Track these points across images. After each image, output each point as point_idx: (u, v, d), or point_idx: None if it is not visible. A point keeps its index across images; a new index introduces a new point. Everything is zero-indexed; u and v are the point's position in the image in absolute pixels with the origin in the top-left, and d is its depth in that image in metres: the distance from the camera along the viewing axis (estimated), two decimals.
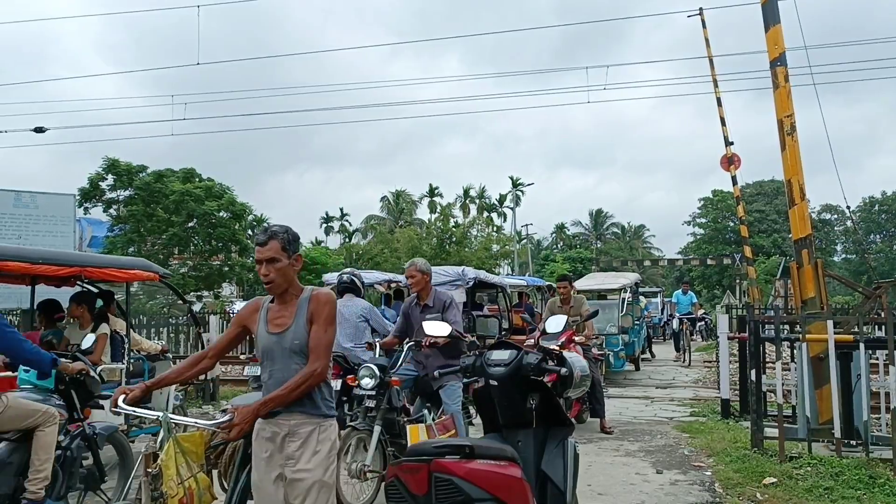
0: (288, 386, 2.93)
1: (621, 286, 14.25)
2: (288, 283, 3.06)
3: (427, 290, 5.74)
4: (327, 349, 3.03)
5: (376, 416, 4.92)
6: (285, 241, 3.03)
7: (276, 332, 3.06)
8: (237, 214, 24.80)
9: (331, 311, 3.05)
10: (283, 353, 3.03)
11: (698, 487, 5.62)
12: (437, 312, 5.56)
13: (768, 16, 7.40)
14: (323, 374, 2.99)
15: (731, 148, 17.64)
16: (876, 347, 6.61)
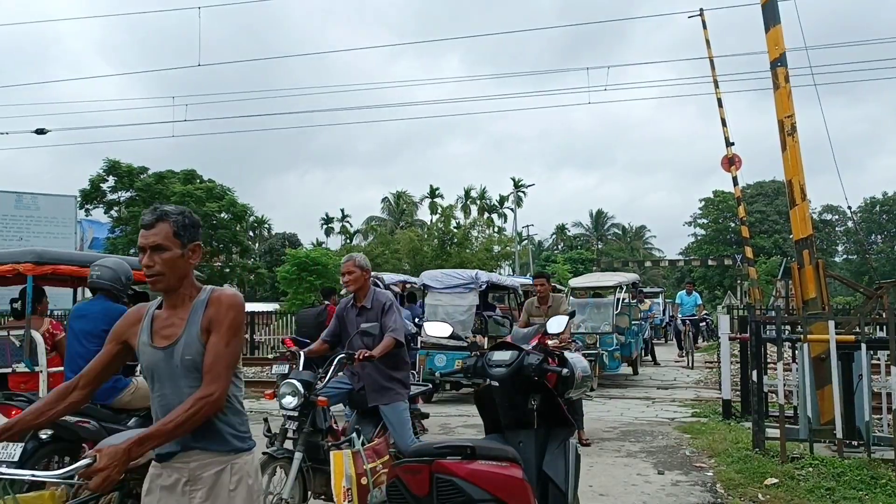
0: (173, 417, 2.22)
1: (617, 284, 13.69)
2: (179, 279, 2.37)
3: (365, 289, 5.03)
4: (228, 368, 2.32)
5: (298, 440, 4.21)
6: (179, 224, 2.35)
7: (162, 345, 2.35)
8: (238, 216, 24.86)
9: (236, 318, 2.36)
10: (171, 372, 2.34)
11: (700, 488, 5.62)
12: (375, 316, 4.90)
13: (768, 16, 7.40)
14: (220, 399, 2.28)
15: (731, 149, 17.64)
16: (877, 348, 6.61)
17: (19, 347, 6.10)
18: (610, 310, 12.77)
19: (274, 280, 33.82)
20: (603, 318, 12.71)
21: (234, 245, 24.88)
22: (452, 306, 11.43)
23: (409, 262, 32.94)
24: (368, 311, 4.93)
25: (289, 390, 4.23)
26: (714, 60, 17.76)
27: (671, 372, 15.02)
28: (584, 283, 15.11)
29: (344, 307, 5.12)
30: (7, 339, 6.18)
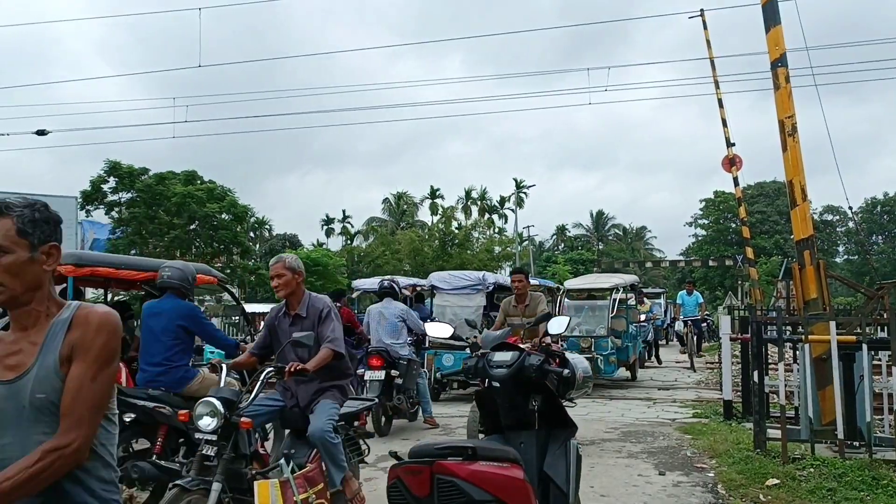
0: (11, 473, 1.63)
1: (613, 286, 13.19)
2: (29, 291, 1.80)
3: (298, 295, 4.45)
4: (95, 410, 1.76)
5: (217, 468, 3.63)
6: (24, 221, 1.82)
7: (6, 378, 1.77)
8: (239, 217, 24.88)
9: (107, 343, 1.79)
10: (17, 413, 1.74)
11: (701, 489, 5.61)
12: (311, 325, 4.34)
13: (769, 16, 7.40)
14: (80, 451, 1.71)
15: (732, 149, 17.63)
16: (879, 348, 6.61)
17: None
18: (605, 312, 12.34)
19: None
20: (598, 320, 12.36)
21: (235, 246, 24.90)
22: (460, 307, 11.78)
23: (410, 263, 32.97)
24: (303, 319, 4.41)
25: (206, 410, 3.70)
26: (715, 61, 17.76)
27: (672, 373, 15.02)
28: (579, 284, 14.77)
29: (275, 316, 4.58)
30: None
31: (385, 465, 6.54)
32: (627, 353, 12.69)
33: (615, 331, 12.31)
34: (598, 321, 12.36)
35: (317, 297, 4.56)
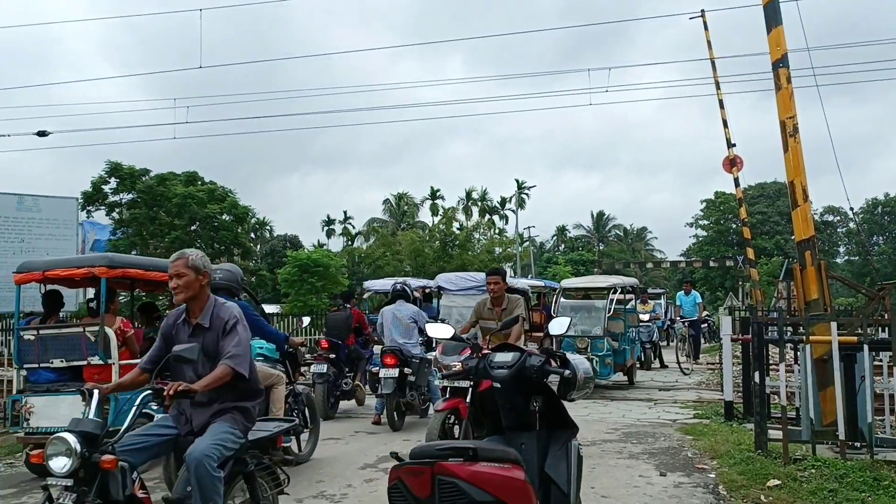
0: None
1: (611, 286, 12.75)
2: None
3: (202, 300, 3.80)
4: None
5: None
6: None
7: None
8: (239, 217, 24.90)
9: None
10: None
11: (702, 490, 5.61)
12: (215, 338, 3.73)
13: (770, 17, 7.39)
14: None
15: (733, 150, 17.62)
16: (880, 349, 6.60)
17: (94, 342, 6.75)
18: (602, 313, 12.03)
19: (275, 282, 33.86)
20: (595, 321, 12.07)
21: (236, 247, 24.91)
22: (466, 307, 11.77)
23: (411, 264, 32.95)
24: (206, 330, 3.75)
25: (59, 448, 3.08)
26: (715, 62, 17.75)
27: (673, 374, 15.00)
28: (576, 284, 14.47)
29: (172, 323, 3.89)
30: (83, 334, 6.82)
31: (386, 465, 6.54)
32: (624, 356, 12.34)
33: (612, 333, 12.02)
34: (594, 322, 12.08)
35: (225, 305, 3.87)
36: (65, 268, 7.14)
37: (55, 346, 6.89)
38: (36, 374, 6.98)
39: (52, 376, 6.92)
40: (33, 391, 6.86)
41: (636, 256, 61.80)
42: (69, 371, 6.91)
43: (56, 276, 7.25)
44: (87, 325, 7.02)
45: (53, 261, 7.90)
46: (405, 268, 32.96)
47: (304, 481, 6.12)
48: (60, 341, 6.93)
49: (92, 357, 6.78)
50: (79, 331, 6.94)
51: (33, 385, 6.94)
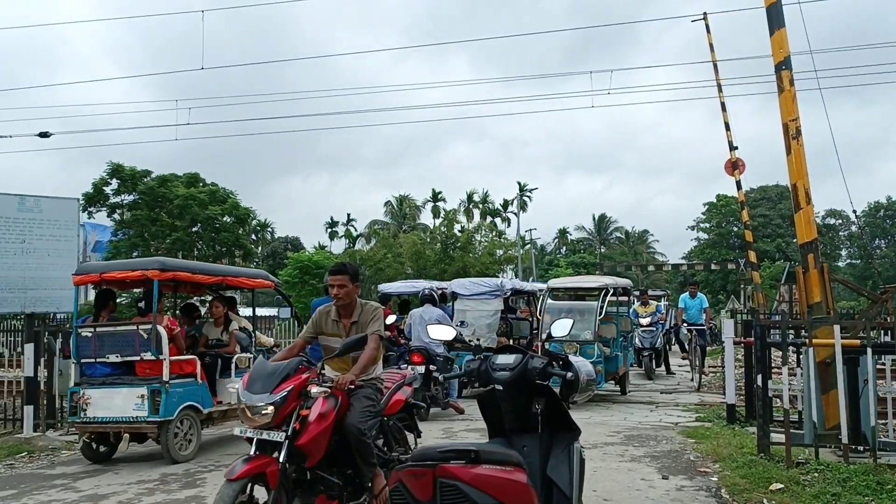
0: None
1: (602, 286, 11.99)
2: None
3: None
4: None
5: None
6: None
7: None
8: (241, 219, 24.89)
9: None
10: None
11: (704, 493, 5.58)
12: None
13: (773, 19, 7.38)
14: None
15: (735, 152, 17.60)
16: (883, 352, 6.57)
17: (146, 339, 7.26)
18: (593, 315, 11.15)
19: None
20: (584, 324, 11.08)
21: (237, 248, 24.90)
22: (479, 311, 12.28)
23: (412, 266, 32.93)
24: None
25: None
26: (717, 64, 17.74)
27: (675, 377, 14.97)
28: (564, 284, 13.63)
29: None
30: (136, 332, 7.35)
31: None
32: (616, 362, 11.54)
33: (603, 337, 11.38)
34: (584, 325, 11.09)
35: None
36: (120, 270, 7.83)
37: (111, 343, 7.44)
38: (92, 369, 7.50)
39: (108, 370, 7.47)
40: (90, 384, 7.39)
41: (638, 259, 61.76)
42: (123, 365, 7.45)
43: (112, 278, 7.80)
44: (139, 323, 7.51)
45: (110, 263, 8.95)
46: (406, 270, 32.94)
47: None
48: (116, 338, 7.47)
49: (144, 353, 7.29)
50: (132, 328, 7.45)
51: (89, 378, 7.46)
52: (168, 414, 7.17)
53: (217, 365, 8.23)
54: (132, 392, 7.19)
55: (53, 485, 6.36)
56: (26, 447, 8.02)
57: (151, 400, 7.13)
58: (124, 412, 7.18)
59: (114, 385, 7.35)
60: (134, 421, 7.18)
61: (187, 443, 7.47)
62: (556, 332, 4.08)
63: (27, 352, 8.77)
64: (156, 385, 7.16)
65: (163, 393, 7.15)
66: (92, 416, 7.28)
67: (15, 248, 8.69)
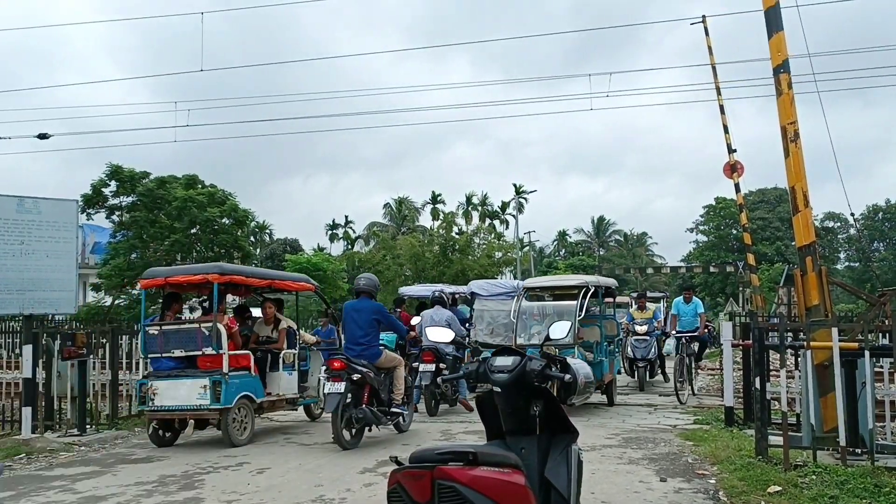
0: None
1: (581, 285, 10.94)
2: None
3: None
4: None
5: None
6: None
7: None
8: (239, 221, 24.84)
9: None
10: None
11: (702, 496, 5.58)
12: None
13: (771, 22, 7.39)
14: None
15: (734, 155, 17.63)
16: (881, 355, 6.58)
17: (207, 336, 8.11)
18: (572, 317, 10.12)
19: None
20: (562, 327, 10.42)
21: (236, 250, 24.82)
22: (497, 311, 12.56)
23: (411, 268, 32.92)
24: None
25: None
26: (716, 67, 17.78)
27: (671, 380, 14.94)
28: (540, 283, 12.75)
29: None
30: (199, 329, 8.22)
31: (385, 470, 6.52)
32: (601, 369, 10.51)
33: (586, 341, 10.55)
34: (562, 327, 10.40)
35: None
36: (183, 275, 8.69)
37: (175, 340, 8.30)
38: (158, 363, 8.35)
39: (172, 364, 8.31)
40: (156, 376, 8.23)
41: (636, 262, 61.78)
42: (185, 360, 8.30)
43: (176, 282, 8.68)
44: (201, 322, 8.42)
45: (174, 269, 9.83)
46: (405, 272, 32.92)
47: (304, 486, 6.11)
48: (180, 335, 8.33)
49: (206, 348, 8.14)
50: (195, 327, 8.34)
51: (156, 371, 8.31)
52: (227, 402, 8.00)
53: (267, 360, 9.19)
54: (196, 383, 8.01)
55: (52, 486, 6.35)
56: (25, 449, 8.01)
57: (213, 390, 7.93)
58: (189, 401, 8.00)
59: (178, 377, 8.15)
60: (198, 409, 7.99)
61: (243, 429, 8.29)
62: (554, 334, 4.08)
63: (25, 353, 8.77)
64: (217, 377, 7.98)
65: (223, 384, 7.98)
66: (159, 405, 8.10)
67: (14, 250, 8.68)
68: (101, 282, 24.12)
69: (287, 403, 9.38)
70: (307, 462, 7.14)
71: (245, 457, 7.48)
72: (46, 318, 12.04)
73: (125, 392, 10.62)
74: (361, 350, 7.97)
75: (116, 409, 9.79)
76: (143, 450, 8.06)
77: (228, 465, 7.10)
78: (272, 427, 9.54)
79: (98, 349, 10.52)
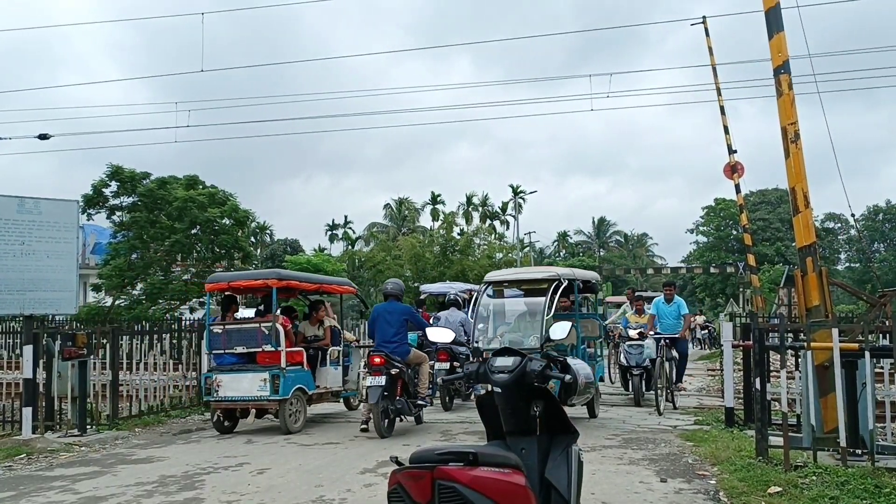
0: None
1: (552, 278, 9.27)
2: None
3: None
4: None
5: None
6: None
7: None
8: (240, 221, 24.83)
9: None
10: None
11: (703, 496, 5.58)
12: None
13: (772, 23, 7.39)
14: None
15: (734, 156, 17.63)
16: (881, 356, 6.57)
17: (267, 334, 9.10)
18: (540, 316, 8.65)
19: None
20: (529, 328, 9.12)
21: (236, 251, 24.81)
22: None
23: (411, 269, 32.92)
24: None
25: None
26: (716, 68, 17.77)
27: None
28: (505, 276, 10.52)
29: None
30: (259, 328, 9.22)
31: (385, 470, 6.52)
32: None
33: (560, 345, 8.33)
34: (529, 328, 9.16)
35: None
36: (245, 280, 9.93)
37: (237, 337, 9.32)
38: (221, 358, 9.37)
39: (234, 360, 9.30)
40: (219, 370, 9.25)
41: (637, 262, 61.75)
42: (246, 356, 9.28)
43: (238, 286, 9.93)
44: (261, 322, 9.42)
45: (236, 274, 11.42)
46: (405, 272, 32.92)
47: (304, 486, 6.11)
48: (241, 334, 9.35)
49: (265, 345, 9.09)
50: (255, 326, 9.33)
51: (219, 366, 9.32)
52: (285, 394, 8.93)
53: (317, 356, 10.15)
54: (256, 376, 8.95)
55: (52, 486, 6.35)
56: (25, 449, 8.01)
57: (272, 383, 8.85)
58: (250, 392, 8.97)
59: (240, 371, 9.12)
60: (258, 399, 8.98)
61: (297, 418, 9.21)
62: (554, 335, 4.07)
63: (26, 353, 8.76)
64: (276, 371, 8.92)
65: (281, 377, 8.91)
66: (223, 396, 9.09)
67: (14, 250, 8.68)
68: (102, 282, 24.11)
69: (332, 395, 10.30)
70: (307, 462, 7.14)
71: (245, 457, 7.48)
72: (47, 319, 12.05)
73: (125, 392, 10.62)
74: (394, 348, 8.76)
75: (117, 410, 9.79)
76: (144, 450, 8.06)
77: (228, 465, 7.10)
78: (272, 427, 9.54)
79: (98, 349, 10.53)
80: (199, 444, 8.43)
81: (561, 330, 3.98)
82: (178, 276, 24.36)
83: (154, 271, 23.74)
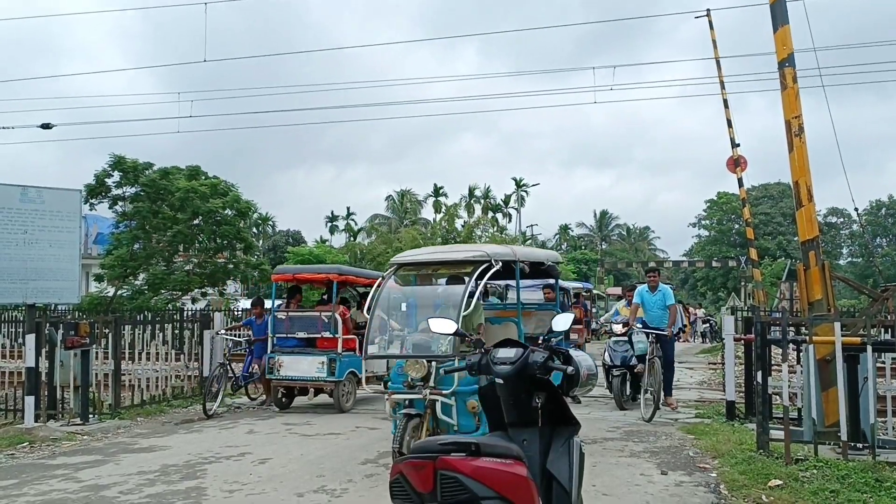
0: None
1: (480, 258, 7.04)
2: None
3: None
4: None
5: None
6: None
7: None
8: (242, 212, 24.81)
9: None
10: None
11: (703, 489, 5.59)
12: None
13: (777, 16, 7.37)
14: None
15: (737, 150, 17.59)
16: (883, 350, 6.57)
17: (326, 323, 10.23)
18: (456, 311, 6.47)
19: None
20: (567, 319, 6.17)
21: (238, 241, 24.79)
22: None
23: None
24: None
25: None
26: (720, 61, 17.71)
27: (675, 373, 14.95)
28: (417, 257, 7.77)
29: None
30: (320, 318, 10.36)
31: (387, 461, 6.54)
32: None
33: None
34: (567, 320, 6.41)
35: None
36: (309, 273, 11.80)
37: (299, 324, 10.49)
38: (284, 341, 10.42)
39: (295, 343, 10.40)
40: (282, 352, 10.29)
41: (639, 256, 61.73)
42: (306, 340, 10.37)
43: (303, 278, 11.48)
44: (322, 311, 10.56)
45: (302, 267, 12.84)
46: None
47: (306, 476, 6.13)
48: (303, 320, 10.55)
49: (325, 332, 10.19)
50: (317, 314, 10.53)
51: (281, 348, 10.37)
52: (340, 376, 9.94)
53: None
54: (315, 359, 10.01)
55: (55, 475, 6.38)
56: (27, 437, 8.04)
57: (329, 366, 9.89)
58: (309, 373, 10.03)
59: (300, 354, 10.19)
60: (316, 380, 10.03)
61: (349, 398, 10.22)
62: (557, 326, 4.05)
63: (28, 343, 8.79)
64: (333, 355, 9.94)
65: (337, 361, 9.93)
66: (284, 375, 10.20)
67: (17, 239, 8.69)
68: (104, 272, 24.10)
69: (377, 380, 10.64)
70: (309, 452, 7.17)
71: (247, 447, 7.50)
72: (49, 308, 12.08)
73: (128, 382, 10.65)
74: None
75: (119, 399, 9.81)
76: (146, 439, 8.09)
77: (231, 455, 7.12)
78: (274, 417, 9.56)
79: (101, 339, 10.55)
80: (200, 434, 8.46)
81: (564, 322, 3.95)
82: (180, 266, 24.35)
83: (156, 262, 23.73)
